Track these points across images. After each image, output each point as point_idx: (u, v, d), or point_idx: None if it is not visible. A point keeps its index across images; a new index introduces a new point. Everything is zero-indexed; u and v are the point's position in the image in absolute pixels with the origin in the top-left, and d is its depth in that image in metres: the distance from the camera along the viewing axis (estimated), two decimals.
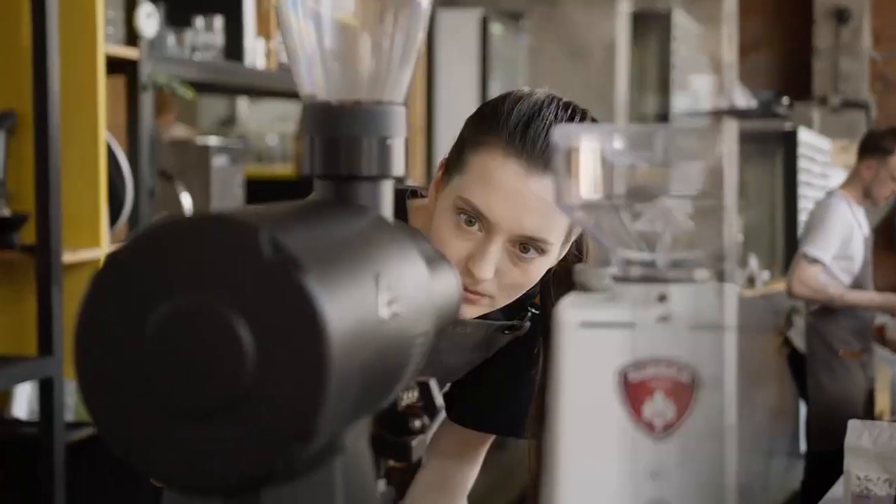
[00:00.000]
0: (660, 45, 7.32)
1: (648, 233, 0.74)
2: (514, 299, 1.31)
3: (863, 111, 9.63)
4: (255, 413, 0.63)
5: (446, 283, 0.88)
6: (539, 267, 1.27)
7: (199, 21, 3.08)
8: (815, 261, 4.31)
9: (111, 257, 0.65)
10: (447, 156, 1.33)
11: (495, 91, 6.30)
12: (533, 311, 1.43)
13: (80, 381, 0.65)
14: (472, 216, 1.25)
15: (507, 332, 1.43)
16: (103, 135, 2.55)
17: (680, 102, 5.50)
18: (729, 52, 5.72)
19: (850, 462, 2.01)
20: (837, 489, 2.29)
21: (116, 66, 2.70)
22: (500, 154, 1.23)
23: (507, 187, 1.22)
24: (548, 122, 1.23)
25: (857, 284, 4.39)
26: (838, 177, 8.61)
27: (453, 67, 5.21)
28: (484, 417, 1.51)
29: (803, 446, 5.02)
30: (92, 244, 2.55)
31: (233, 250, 0.63)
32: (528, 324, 1.43)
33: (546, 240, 1.24)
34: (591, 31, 5.59)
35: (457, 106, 5.29)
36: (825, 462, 4.38)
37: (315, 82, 0.85)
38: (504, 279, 1.27)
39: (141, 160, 2.75)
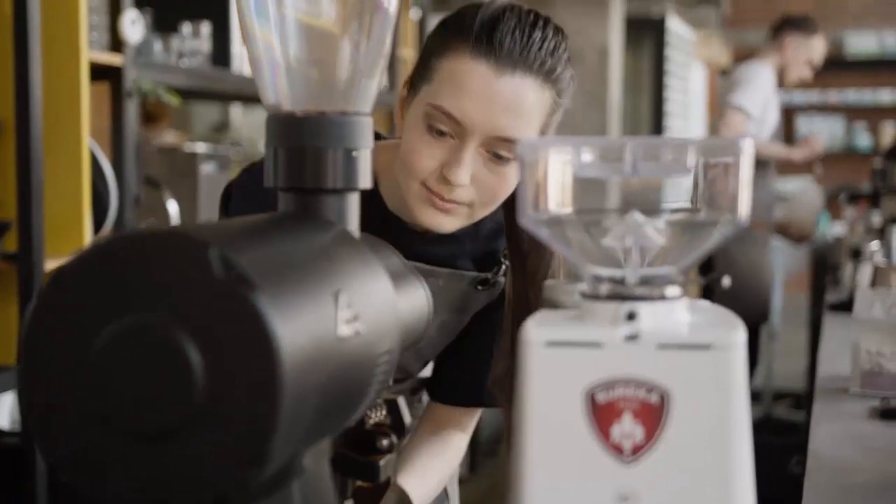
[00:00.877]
0: (654, 50, 7.34)
1: (618, 248, 0.71)
2: (490, 211, 1.29)
3: (714, 6, 9.71)
4: (205, 436, 0.60)
5: (414, 298, 0.85)
6: (515, 173, 1.25)
7: (186, 27, 3.06)
8: (740, 110, 4.39)
9: (58, 272, 0.63)
10: (410, 73, 1.32)
11: None
12: (506, 263, 1.40)
13: (23, 402, 0.62)
14: (443, 124, 1.23)
15: (480, 287, 1.41)
16: (87, 141, 2.52)
17: None
18: None
19: (859, 335, 1.88)
20: (839, 368, 2.10)
21: (101, 72, 2.67)
22: (468, 57, 1.22)
23: (478, 89, 1.21)
24: (512, 24, 1.23)
25: None
26: (698, 69, 8.74)
27: None
28: (467, 394, 1.50)
29: None
30: (75, 252, 2.52)
31: (182, 267, 0.61)
32: (502, 279, 1.42)
33: (515, 139, 1.22)
34: (585, 37, 5.57)
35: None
36: None
37: (279, 92, 0.83)
38: (481, 186, 1.25)
39: (126, 167, 2.72)
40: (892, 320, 1.97)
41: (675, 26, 7.56)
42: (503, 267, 1.40)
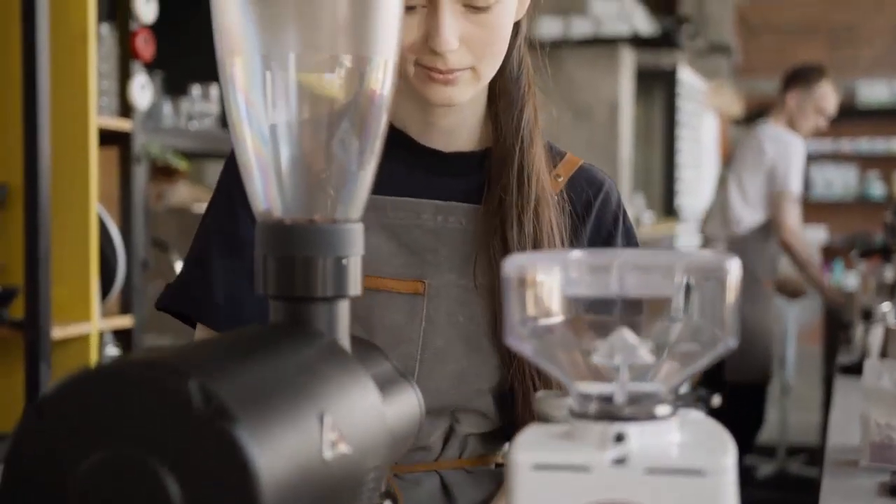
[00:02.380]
0: (665, 101, 7.36)
1: (606, 366, 0.71)
2: (496, 67, 1.22)
3: (726, 55, 9.73)
4: None
5: (404, 407, 0.84)
6: (501, 15, 1.19)
7: (196, 89, 3.08)
8: (796, 195, 4.40)
9: (38, 403, 0.62)
10: None
11: None
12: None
13: None
14: None
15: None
16: (95, 208, 2.53)
17: (581, 26, 5.45)
18: None
19: (868, 407, 1.83)
20: (849, 437, 2.06)
21: (110, 137, 2.69)
22: None
23: None
24: None
25: None
26: (710, 118, 8.76)
27: None
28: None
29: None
30: (83, 318, 2.52)
31: (161, 399, 0.60)
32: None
33: None
34: (595, 92, 5.60)
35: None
36: (744, 394, 4.38)
37: (269, 199, 0.83)
38: (472, 43, 1.18)
39: (134, 231, 2.73)
40: None
41: (687, 77, 7.59)
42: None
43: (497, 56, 1.21)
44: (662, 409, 0.70)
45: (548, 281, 0.71)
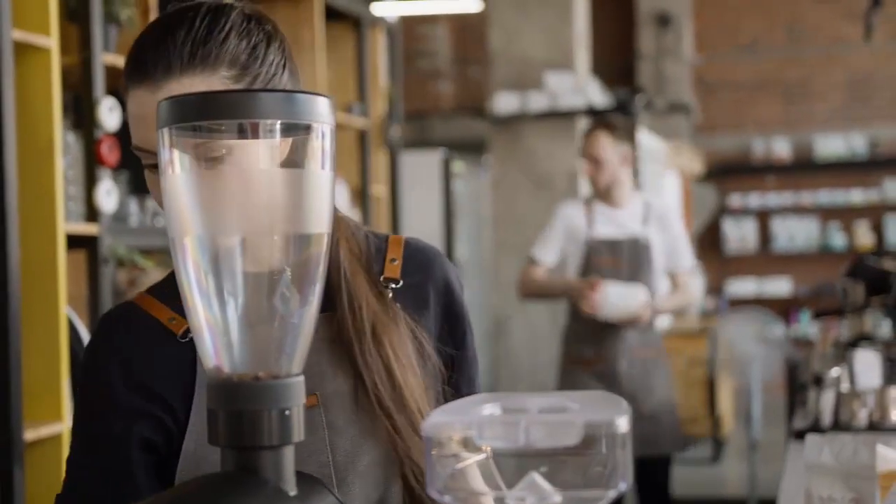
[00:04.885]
0: None
1: None
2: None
3: (685, 114, 9.92)
4: None
5: None
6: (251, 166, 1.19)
7: None
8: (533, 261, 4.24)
9: None
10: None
11: (462, 226, 6.47)
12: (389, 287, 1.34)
13: None
14: (146, 159, 1.21)
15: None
16: (64, 310, 2.61)
17: (538, 101, 5.51)
18: (580, 48, 5.77)
19: (811, 481, 1.89)
20: None
21: (77, 241, 2.78)
22: (128, 91, 1.22)
23: (141, 112, 1.20)
24: (153, 38, 1.21)
25: None
26: (671, 177, 8.93)
27: (420, 206, 5.33)
28: None
29: None
30: (54, 419, 2.60)
31: None
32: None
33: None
34: (554, 162, 5.73)
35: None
36: (650, 468, 4.32)
37: (218, 356, 0.92)
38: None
39: None
40: (842, 465, 2.04)
41: (646, 140, 7.75)
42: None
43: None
44: None
45: (464, 437, 0.80)
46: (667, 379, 4.25)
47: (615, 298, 3.95)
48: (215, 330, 0.92)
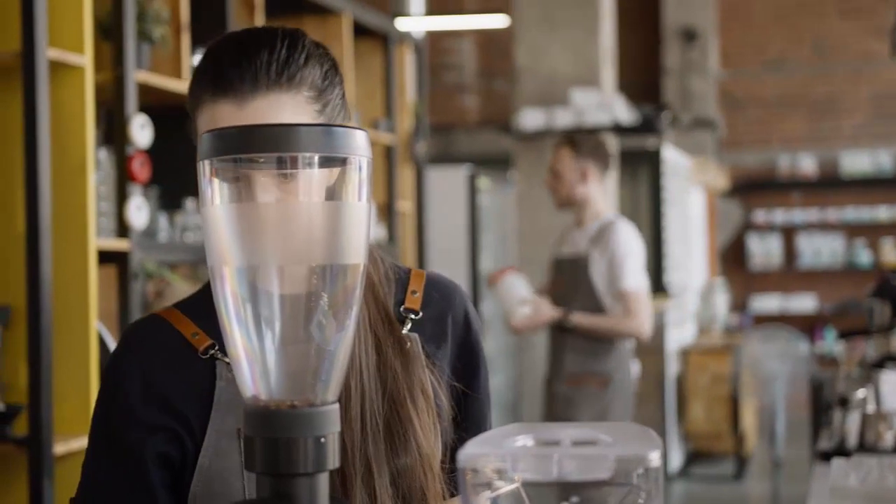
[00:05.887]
0: (651, 180, 7.53)
1: None
2: None
3: (710, 130, 9.87)
4: None
5: None
6: (311, 182, 1.23)
7: (190, 202, 3.21)
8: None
9: None
10: None
11: (486, 241, 6.49)
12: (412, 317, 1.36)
13: None
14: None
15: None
16: (94, 326, 2.64)
17: (563, 117, 5.50)
18: (606, 64, 5.75)
19: None
20: None
21: (108, 256, 2.81)
22: (209, 103, 1.23)
23: (228, 124, 1.21)
24: (235, 55, 1.23)
25: None
26: (696, 193, 8.91)
27: (445, 221, 5.34)
28: None
29: None
30: (84, 433, 2.62)
31: None
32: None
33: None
34: None
35: (448, 259, 5.43)
36: None
37: (256, 386, 0.94)
38: None
39: None
40: (866, 489, 2.04)
41: (671, 155, 7.76)
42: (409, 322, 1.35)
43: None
44: None
45: (498, 468, 0.82)
46: (599, 414, 3.98)
47: (503, 288, 3.94)
48: (253, 358, 0.93)
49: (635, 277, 3.97)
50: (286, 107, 1.23)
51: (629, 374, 4.11)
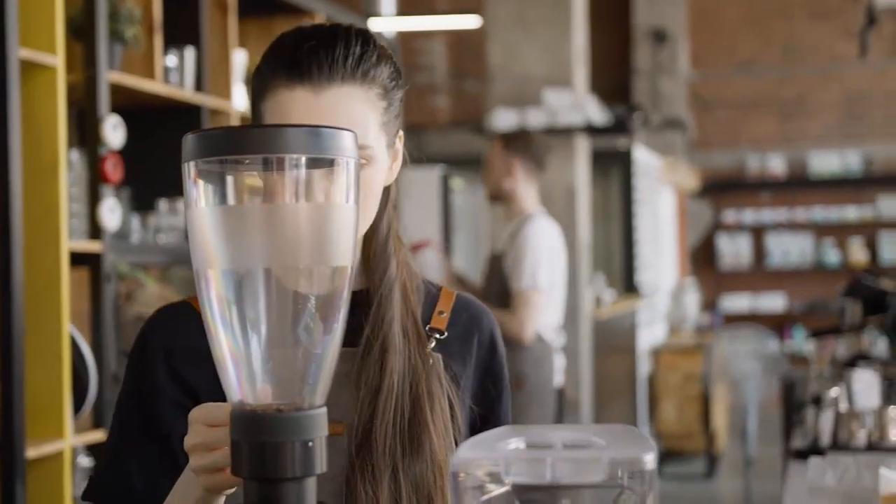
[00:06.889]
0: (622, 180, 7.55)
1: None
2: (370, 221, 1.29)
3: (681, 130, 9.94)
4: None
5: None
6: (372, 178, 1.26)
7: (163, 204, 3.18)
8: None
9: None
10: None
11: (459, 240, 6.49)
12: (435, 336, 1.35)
13: None
14: None
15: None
16: (67, 328, 2.61)
17: (536, 117, 5.52)
18: (579, 65, 5.76)
19: (814, 503, 1.92)
20: None
21: (80, 258, 2.78)
22: (283, 88, 1.24)
23: (302, 112, 1.23)
24: (314, 43, 1.24)
25: None
26: (667, 193, 8.96)
27: (418, 222, 5.33)
28: None
29: None
30: (56, 436, 2.60)
31: None
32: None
33: (363, 144, 1.22)
34: (552, 178, 5.74)
35: (420, 260, 5.41)
36: None
37: (242, 391, 0.93)
38: None
39: (104, 347, 2.81)
40: (844, 488, 2.05)
41: (642, 155, 7.78)
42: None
43: (367, 214, 1.29)
44: None
45: (490, 472, 0.81)
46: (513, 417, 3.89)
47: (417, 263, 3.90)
48: (239, 361, 0.92)
49: (530, 278, 3.87)
50: (359, 99, 1.25)
51: (550, 374, 4.00)
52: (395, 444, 1.26)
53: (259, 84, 1.28)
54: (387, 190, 1.35)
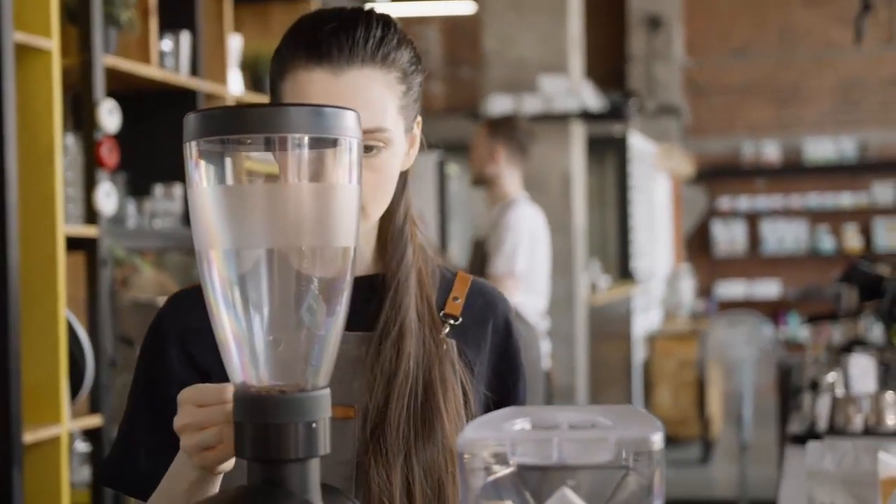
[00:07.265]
0: (617, 166, 7.55)
1: None
2: (383, 207, 1.28)
3: (676, 117, 9.94)
4: None
5: None
6: (389, 161, 1.26)
7: (159, 189, 3.17)
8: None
9: None
10: None
11: (455, 227, 6.49)
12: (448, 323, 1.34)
13: None
14: None
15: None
16: (63, 313, 2.60)
17: (532, 103, 5.53)
18: (574, 51, 5.75)
19: (813, 488, 1.90)
20: None
21: (76, 243, 2.77)
22: (302, 69, 1.24)
23: (320, 93, 1.22)
24: (335, 25, 1.24)
25: None
26: (662, 180, 8.97)
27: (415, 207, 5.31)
28: None
29: None
30: (53, 421, 2.59)
31: None
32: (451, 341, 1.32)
33: (381, 127, 1.23)
34: (548, 164, 5.73)
35: None
36: None
37: (245, 372, 0.92)
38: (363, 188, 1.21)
39: (101, 332, 2.80)
40: (843, 472, 2.04)
41: (637, 142, 7.77)
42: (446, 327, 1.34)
43: (384, 197, 1.28)
44: None
45: (496, 452, 0.80)
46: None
47: None
48: (242, 342, 0.92)
49: (507, 262, 3.88)
50: (379, 82, 1.24)
51: (538, 359, 3.90)
52: (409, 428, 1.25)
53: (278, 65, 1.27)
54: (404, 174, 1.34)
